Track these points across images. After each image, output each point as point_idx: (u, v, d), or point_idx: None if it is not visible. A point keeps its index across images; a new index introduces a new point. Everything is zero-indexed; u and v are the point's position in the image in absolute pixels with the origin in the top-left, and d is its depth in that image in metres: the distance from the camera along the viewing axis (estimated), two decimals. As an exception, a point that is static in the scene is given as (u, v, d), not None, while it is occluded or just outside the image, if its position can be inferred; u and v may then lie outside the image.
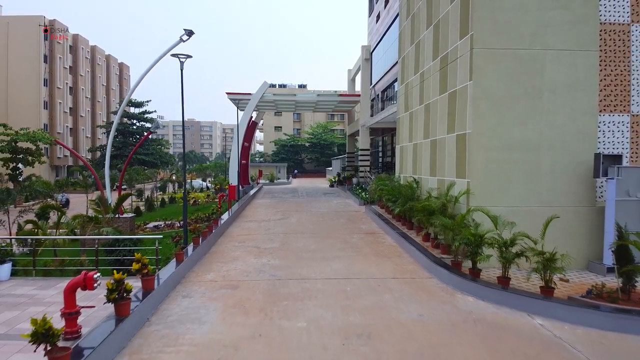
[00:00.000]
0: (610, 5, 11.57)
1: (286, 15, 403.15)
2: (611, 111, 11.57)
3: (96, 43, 73.04)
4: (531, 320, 7.78)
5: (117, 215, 14.51)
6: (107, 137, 66.47)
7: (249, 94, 29.31)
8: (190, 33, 15.01)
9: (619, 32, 11.64)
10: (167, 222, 19.28)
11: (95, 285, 6.13)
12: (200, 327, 7.27)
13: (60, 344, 5.24)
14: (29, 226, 11.97)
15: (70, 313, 6.06)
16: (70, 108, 64.20)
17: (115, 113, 68.55)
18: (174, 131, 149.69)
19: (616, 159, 10.76)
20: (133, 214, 18.65)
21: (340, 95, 36.60)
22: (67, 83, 63.13)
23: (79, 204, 29.81)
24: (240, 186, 26.68)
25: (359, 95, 33.66)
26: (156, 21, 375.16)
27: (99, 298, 7.40)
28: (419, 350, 6.55)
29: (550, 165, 11.04)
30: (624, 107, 11.65)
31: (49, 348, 5.04)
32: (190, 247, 11.34)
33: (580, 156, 11.07)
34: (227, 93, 30.43)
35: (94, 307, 6.91)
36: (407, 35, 17.71)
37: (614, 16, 11.61)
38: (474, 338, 6.98)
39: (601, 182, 11.17)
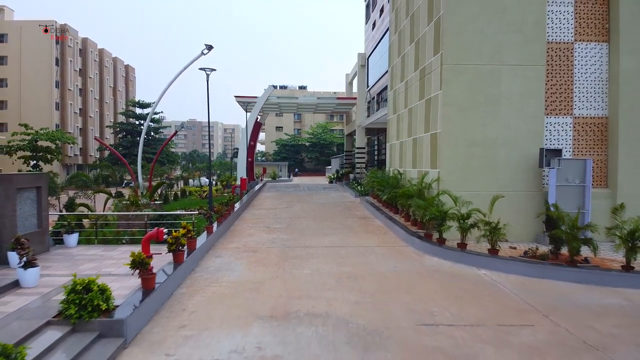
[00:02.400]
0: (556, 27, 14.26)
1: (286, 16, 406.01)
2: (556, 114, 14.26)
3: (98, 43, 75.63)
4: (478, 271, 10.45)
5: (150, 202, 17.12)
6: (115, 137, 68.97)
7: (255, 97, 31.98)
8: (210, 47, 17.64)
9: (564, 49, 14.32)
10: (187, 211, 21.89)
11: (164, 237, 8.77)
12: (233, 273, 9.94)
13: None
14: (82, 208, 14.62)
15: (146, 256, 8.69)
16: (80, 109, 66.86)
17: (122, 114, 71.25)
18: (179, 132, 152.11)
19: (557, 152, 13.44)
20: (161, 201, 21.32)
21: (339, 98, 39.38)
22: (77, 85, 65.79)
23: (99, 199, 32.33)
24: (248, 181, 29.32)
25: (355, 98, 36.35)
26: (157, 21, 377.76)
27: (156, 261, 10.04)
28: (390, 285, 9.21)
29: (505, 158, 13.70)
30: (568, 110, 14.33)
31: (142, 273, 7.69)
32: (215, 225, 14.00)
33: (529, 151, 13.73)
34: (236, 96, 33.13)
35: (160, 253, 9.54)
36: (395, 48, 20.40)
37: (559, 36, 14.30)
38: (432, 281, 9.65)
39: (546, 172, 13.83)
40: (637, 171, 13.83)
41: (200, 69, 14.44)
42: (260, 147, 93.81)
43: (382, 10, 31.92)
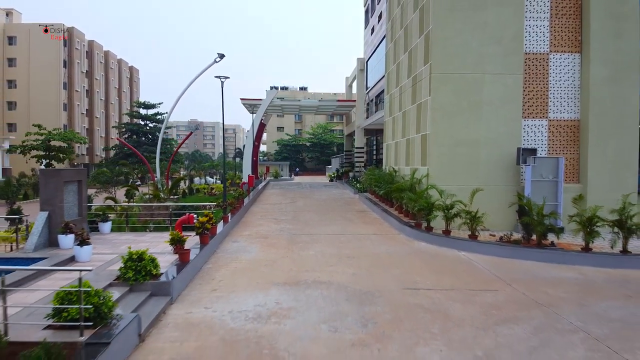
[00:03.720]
0: (533, 40, 15.98)
1: (286, 18, 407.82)
2: (533, 117, 15.98)
3: (103, 45, 77.27)
4: (458, 252, 12.18)
5: (169, 197, 18.85)
6: (120, 137, 70.64)
7: (260, 99, 33.73)
8: (222, 56, 19.36)
9: (540, 59, 16.05)
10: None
11: (194, 221, 10.48)
12: (249, 254, 11.68)
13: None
14: (109, 201, 16.34)
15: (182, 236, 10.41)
16: (86, 110, 68.56)
17: (127, 114, 72.93)
18: (177, 131, 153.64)
19: (532, 151, 15.17)
20: (178, 196, 23.08)
21: (339, 100, 41.18)
22: (84, 86, 67.50)
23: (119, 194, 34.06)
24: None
25: (354, 101, 38.11)
26: (157, 21, 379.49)
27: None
28: (382, 263, 10.94)
29: (486, 157, 15.42)
30: (543, 114, 16.06)
31: (179, 248, 9.41)
32: (229, 216, 15.71)
33: (508, 150, 15.44)
34: (242, 99, 34.89)
35: (191, 235, 11.25)
36: (391, 55, 22.14)
37: (536, 47, 16.02)
38: (418, 259, 11.38)
39: (523, 168, 15.54)
40: (605, 168, 15.54)
41: (216, 76, 16.17)
42: (261, 147, 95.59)
43: (380, 17, 33.62)
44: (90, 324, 5.67)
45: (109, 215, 14.47)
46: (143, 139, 65.82)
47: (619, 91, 15.54)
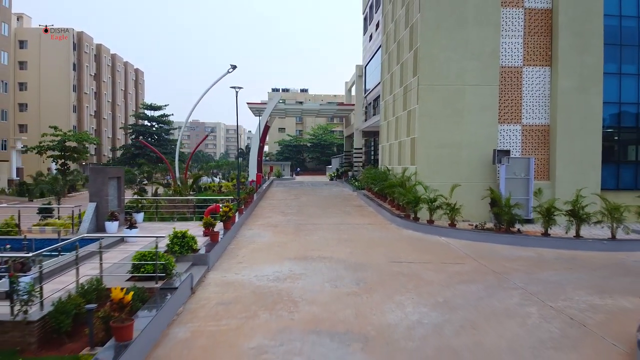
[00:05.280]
0: (508, 55, 18.27)
1: (286, 20, 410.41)
2: (508, 123, 18.28)
3: (111, 48, 79.57)
4: (439, 238, 14.47)
5: (189, 192, 21.20)
6: (126, 137, 72.86)
7: (265, 103, 36.07)
8: (234, 67, 21.66)
9: (514, 72, 18.35)
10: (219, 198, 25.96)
11: (221, 209, 12.78)
12: (263, 238, 13.98)
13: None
14: (135, 195, 18.65)
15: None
16: (94, 111, 70.88)
17: (135, 116, 75.22)
18: (179, 132, 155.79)
19: (507, 152, 17.46)
20: (195, 192, 25.40)
21: (339, 104, 43.56)
22: (92, 89, 69.81)
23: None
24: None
25: (353, 105, 40.46)
26: (159, 21, 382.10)
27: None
28: (374, 245, 13.23)
29: (467, 157, 17.71)
30: (517, 120, 18.36)
31: (210, 230, 11.70)
32: (243, 208, 18.01)
33: (486, 151, 17.73)
34: (248, 103, 37.29)
35: (217, 222, 13.54)
36: (386, 66, 24.45)
37: (511, 62, 18.32)
38: (404, 243, 13.67)
39: (499, 167, 17.83)
40: (571, 166, 17.80)
41: (232, 87, 18.46)
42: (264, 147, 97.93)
43: (377, 26, 35.87)
44: (162, 274, 7.97)
45: (141, 206, 16.76)
46: (149, 139, 68.08)
47: (584, 99, 17.84)
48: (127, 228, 12.06)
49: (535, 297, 8.64)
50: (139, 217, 15.97)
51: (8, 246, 11.69)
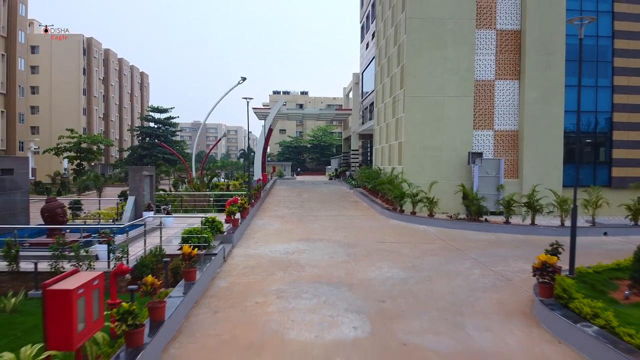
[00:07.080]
0: (482, 70, 21.16)
1: (287, 21, 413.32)
2: (482, 128, 21.17)
3: (118, 53, 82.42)
4: (419, 226, 17.36)
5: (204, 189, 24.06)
6: (133, 139, 75.55)
7: (268, 108, 39.04)
8: (244, 79, 24.50)
9: (487, 85, 21.23)
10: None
11: (239, 201, 15.65)
12: (272, 226, 16.88)
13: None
14: (160, 192, 21.56)
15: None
16: (103, 114, 73.74)
17: (140, 118, 78.06)
18: (184, 133, 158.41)
19: (479, 154, 20.34)
20: (209, 189, 28.29)
21: (337, 109, 46.64)
22: (101, 92, 72.69)
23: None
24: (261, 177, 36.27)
25: (351, 109, 43.44)
26: (160, 21, 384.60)
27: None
28: (365, 231, 16.12)
29: (446, 158, 20.59)
30: (490, 126, 21.24)
31: (232, 217, 14.58)
32: (253, 202, 20.87)
33: (463, 153, 20.60)
34: (254, 108, 40.34)
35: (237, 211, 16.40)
36: (379, 77, 27.38)
37: (484, 76, 21.21)
38: (390, 229, 16.55)
39: (473, 167, 20.71)
40: (537, 166, 20.64)
41: (244, 98, 21.33)
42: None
43: (373, 35, 38.76)
44: (205, 244, 10.86)
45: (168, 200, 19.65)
46: (156, 141, 70.87)
47: (547, 108, 20.72)
48: (165, 216, 14.91)
49: (482, 265, 11.51)
50: (168, 208, 18.85)
51: (68, 231, 14.53)
